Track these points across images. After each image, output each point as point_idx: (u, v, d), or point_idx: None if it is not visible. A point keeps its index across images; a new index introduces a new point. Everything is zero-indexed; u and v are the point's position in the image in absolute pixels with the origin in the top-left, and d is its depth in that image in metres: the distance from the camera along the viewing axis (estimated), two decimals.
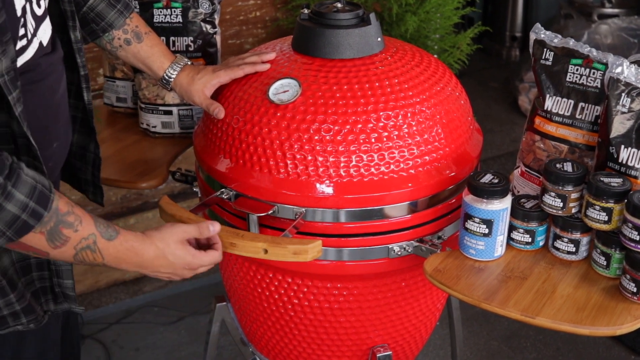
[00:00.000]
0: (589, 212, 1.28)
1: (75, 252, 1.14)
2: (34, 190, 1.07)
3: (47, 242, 1.11)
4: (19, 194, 1.06)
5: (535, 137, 1.45)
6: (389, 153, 1.35)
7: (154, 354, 2.54)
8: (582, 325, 1.19)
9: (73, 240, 1.13)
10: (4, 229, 1.06)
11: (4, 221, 1.05)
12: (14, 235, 1.07)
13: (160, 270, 1.23)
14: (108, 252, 1.17)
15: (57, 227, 1.11)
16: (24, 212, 1.06)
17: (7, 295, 1.22)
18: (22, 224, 1.07)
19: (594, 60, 1.38)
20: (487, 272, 1.31)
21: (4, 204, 1.04)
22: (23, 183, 1.06)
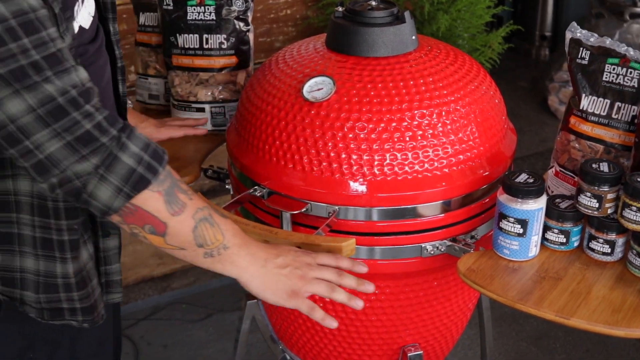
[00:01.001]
0: (625, 213, 1.27)
1: (195, 223, 1.09)
2: (147, 145, 1.06)
3: (165, 206, 1.06)
4: (133, 146, 1.04)
5: (571, 137, 1.44)
6: (423, 152, 1.34)
7: (182, 351, 2.55)
8: (618, 327, 1.18)
9: (190, 207, 1.09)
10: (120, 184, 1.03)
11: (120, 175, 1.02)
12: (131, 190, 1.03)
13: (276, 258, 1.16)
14: (226, 227, 1.12)
15: (173, 190, 1.07)
16: (139, 164, 1.04)
17: (71, 292, 1.20)
18: (138, 178, 1.04)
19: (631, 60, 1.36)
20: (521, 272, 1.30)
21: (119, 155, 1.02)
22: (136, 137, 1.05)
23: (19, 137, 0.99)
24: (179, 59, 1.72)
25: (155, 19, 1.82)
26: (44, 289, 1.18)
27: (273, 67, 1.50)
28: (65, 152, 1.00)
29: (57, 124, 0.99)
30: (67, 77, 1.00)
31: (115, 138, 1.03)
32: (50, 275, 1.18)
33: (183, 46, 1.71)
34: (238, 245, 1.14)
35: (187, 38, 1.70)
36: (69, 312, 1.21)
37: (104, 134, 1.02)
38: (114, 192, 1.03)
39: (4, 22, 0.94)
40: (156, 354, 2.54)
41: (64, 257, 1.17)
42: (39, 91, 0.97)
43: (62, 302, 1.20)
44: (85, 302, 1.22)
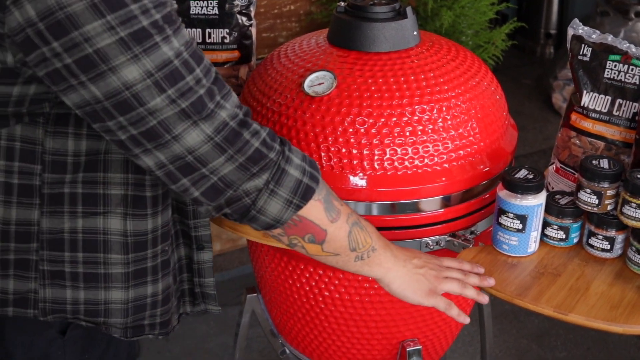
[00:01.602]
0: (625, 210, 1.27)
1: (349, 228, 1.13)
2: (304, 156, 1.09)
3: (326, 213, 1.10)
4: (296, 158, 1.07)
5: (571, 134, 1.44)
6: (423, 147, 1.35)
7: (184, 344, 2.56)
8: (616, 323, 1.18)
9: (343, 213, 1.12)
10: (290, 197, 1.05)
11: (289, 187, 1.05)
12: (301, 201, 1.06)
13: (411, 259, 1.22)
14: (372, 230, 1.17)
15: (329, 197, 1.11)
16: (304, 175, 1.07)
17: (155, 308, 1.21)
18: (305, 188, 1.06)
19: (632, 57, 1.36)
20: (520, 268, 1.31)
21: (287, 168, 1.05)
22: (294, 149, 1.08)
23: (196, 166, 1.00)
24: None
25: None
26: (132, 312, 1.19)
27: (275, 62, 1.50)
28: (239, 173, 1.02)
29: (232, 148, 1.00)
30: (231, 98, 1.02)
31: (280, 152, 1.05)
32: (139, 299, 1.19)
33: None
34: (383, 247, 1.19)
35: (189, 32, 1.70)
36: (148, 328, 1.23)
37: (270, 149, 1.04)
38: (283, 204, 1.06)
39: (180, 56, 0.95)
40: (157, 347, 2.55)
41: (155, 279, 1.19)
42: (215, 119, 0.98)
43: (145, 319, 1.21)
44: (165, 317, 1.23)
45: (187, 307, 1.34)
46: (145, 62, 0.92)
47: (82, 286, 1.15)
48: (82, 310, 1.16)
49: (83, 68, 0.91)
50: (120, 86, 0.92)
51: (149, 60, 0.92)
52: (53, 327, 1.18)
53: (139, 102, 0.94)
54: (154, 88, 0.94)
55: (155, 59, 0.93)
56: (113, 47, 0.90)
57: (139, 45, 0.92)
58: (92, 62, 0.91)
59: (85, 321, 1.17)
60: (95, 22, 0.89)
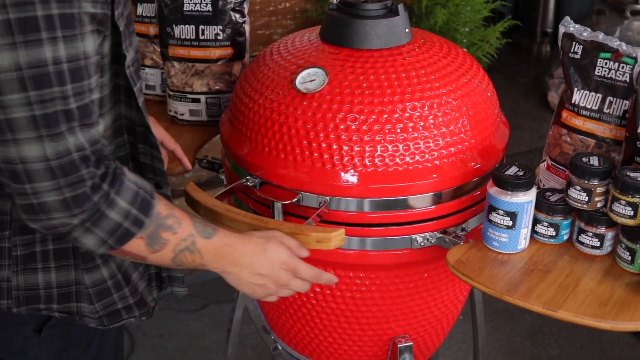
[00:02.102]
0: (614, 207, 1.27)
1: (174, 255, 1.12)
2: (136, 196, 1.05)
3: (146, 247, 1.08)
4: (121, 202, 1.03)
5: (562, 131, 1.45)
6: (414, 143, 1.35)
7: (178, 341, 2.56)
8: (604, 320, 1.19)
9: (172, 242, 1.11)
10: (105, 238, 1.04)
11: (106, 230, 1.03)
12: (115, 244, 1.05)
13: (258, 269, 1.19)
14: (207, 250, 1.14)
15: (157, 231, 1.08)
16: (126, 219, 1.04)
17: (122, 289, 1.21)
18: (124, 232, 1.04)
19: (623, 54, 1.37)
20: (510, 264, 1.31)
21: (106, 212, 1.02)
22: (126, 190, 1.04)
23: (22, 178, 0.97)
24: (175, 50, 1.73)
25: (152, 10, 1.82)
26: (97, 297, 1.19)
27: (267, 59, 1.51)
28: (59, 207, 0.99)
29: (63, 179, 0.98)
30: (89, 132, 0.99)
31: (105, 195, 1.02)
32: (99, 282, 1.19)
33: (179, 37, 1.71)
34: (216, 262, 1.17)
35: (183, 29, 1.70)
36: (125, 311, 1.23)
37: (96, 191, 1.01)
38: (98, 242, 1.04)
39: (58, 65, 0.92)
40: (152, 344, 2.55)
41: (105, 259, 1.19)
42: (60, 142, 0.95)
43: (117, 303, 1.21)
44: (136, 296, 1.23)
45: (154, 293, 1.32)
46: (21, 53, 0.90)
47: (52, 266, 1.15)
48: (55, 296, 1.16)
49: None
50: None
51: (24, 54, 0.90)
52: (29, 324, 1.18)
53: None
54: (16, 82, 0.91)
55: (31, 54, 0.90)
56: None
57: (22, 34, 0.89)
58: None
59: (58, 311, 1.18)
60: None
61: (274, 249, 1.19)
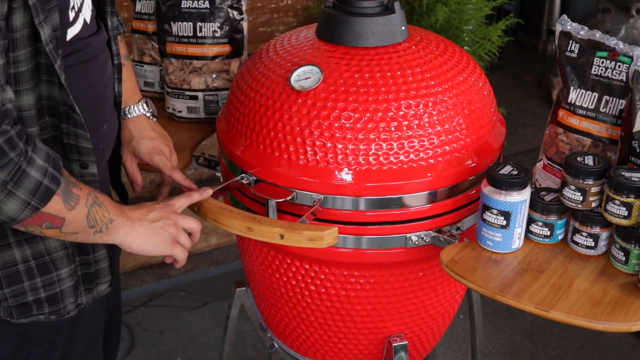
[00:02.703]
0: (608, 207, 1.26)
1: (87, 210, 1.13)
2: (48, 155, 1.07)
3: (64, 204, 1.09)
4: (39, 160, 1.04)
5: (559, 130, 1.44)
6: (409, 142, 1.34)
7: (178, 338, 2.57)
8: (597, 320, 1.18)
9: (82, 197, 1.12)
10: (28, 198, 1.04)
11: (28, 189, 1.03)
12: (39, 203, 1.05)
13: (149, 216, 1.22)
14: (108, 202, 1.17)
15: (68, 187, 1.10)
16: (45, 177, 1.05)
17: (34, 278, 1.21)
18: (45, 190, 1.05)
19: (620, 53, 1.36)
20: (503, 264, 1.31)
21: (27, 170, 1.02)
22: (39, 149, 1.06)
23: None
24: (173, 47, 1.73)
25: (151, 7, 1.82)
26: (7, 282, 1.18)
27: (264, 56, 1.50)
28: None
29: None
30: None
31: (23, 152, 1.02)
32: (9, 264, 1.18)
33: (177, 34, 1.71)
34: (119, 216, 1.19)
35: (181, 26, 1.70)
36: (35, 306, 1.22)
37: (13, 148, 1.01)
38: (21, 205, 1.04)
39: None
40: (152, 340, 2.56)
41: (19, 239, 1.18)
42: None
43: (27, 293, 1.20)
44: (50, 290, 1.22)
45: (82, 298, 1.29)
46: None
47: None
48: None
49: None
50: None
51: None
52: None
53: None
54: None
55: None
56: None
57: None
58: None
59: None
60: None
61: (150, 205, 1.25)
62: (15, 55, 1.06)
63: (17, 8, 1.02)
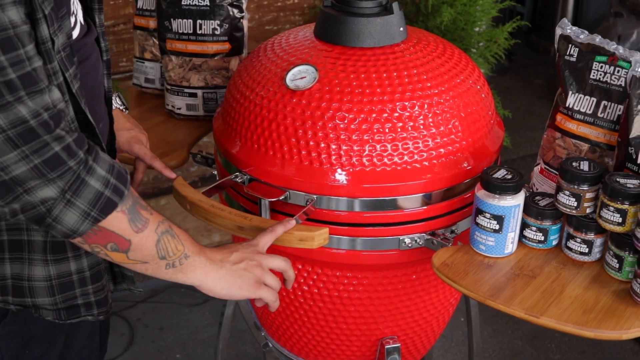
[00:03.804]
0: (603, 213, 1.25)
1: (157, 237, 1.09)
2: (112, 166, 1.04)
3: (130, 224, 1.06)
4: (100, 169, 1.02)
5: (556, 135, 1.43)
6: (403, 144, 1.34)
7: (177, 334, 2.57)
8: (587, 328, 1.17)
9: (152, 222, 1.09)
10: (88, 209, 1.02)
11: (88, 199, 1.01)
12: (99, 215, 1.03)
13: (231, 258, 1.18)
14: (185, 237, 1.13)
15: (135, 207, 1.07)
16: (106, 188, 1.02)
17: (86, 285, 1.20)
18: (106, 201, 1.02)
19: (619, 58, 1.34)
20: (495, 268, 1.29)
21: (87, 179, 1.00)
22: (102, 159, 1.03)
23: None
24: (173, 44, 1.73)
25: (153, 3, 1.82)
26: (59, 289, 1.18)
27: (261, 55, 1.50)
28: (32, 175, 0.97)
29: (26, 146, 0.96)
30: (40, 98, 0.97)
31: (82, 161, 1.00)
32: (63, 275, 1.18)
33: (177, 31, 1.71)
34: (197, 253, 1.15)
35: (181, 23, 1.70)
36: (84, 308, 1.22)
37: (72, 157, 0.99)
38: (80, 216, 1.02)
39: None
40: (151, 336, 2.56)
41: (78, 254, 1.18)
42: (11, 112, 0.94)
43: (78, 298, 1.20)
44: (99, 295, 1.22)
45: (110, 285, 1.30)
46: None
47: (7, 257, 1.14)
48: (10, 287, 1.15)
49: None
50: None
51: None
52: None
53: None
54: None
55: None
56: None
57: None
58: None
59: (14, 304, 1.17)
60: None
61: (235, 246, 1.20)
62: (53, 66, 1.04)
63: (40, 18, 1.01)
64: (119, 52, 2.52)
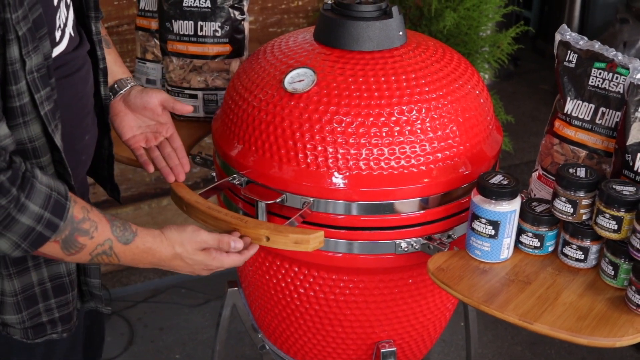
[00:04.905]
0: (599, 220, 1.25)
1: (91, 257, 1.12)
2: (48, 199, 1.04)
3: (62, 250, 1.08)
4: (33, 206, 1.02)
5: (554, 141, 1.43)
6: (400, 148, 1.34)
7: (177, 335, 2.57)
8: (581, 335, 1.17)
9: (88, 247, 1.11)
10: (18, 242, 1.03)
11: (18, 234, 1.02)
12: (29, 248, 1.04)
13: (177, 269, 1.22)
14: (124, 255, 1.15)
15: (72, 236, 1.08)
16: (39, 223, 1.03)
17: (49, 299, 1.20)
18: (37, 236, 1.04)
19: (618, 65, 1.34)
20: (491, 274, 1.29)
21: (17, 217, 1.01)
22: (37, 193, 1.02)
23: None
24: (174, 45, 1.73)
25: (155, 5, 1.82)
26: (25, 305, 1.18)
27: (260, 57, 1.50)
28: None
29: None
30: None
31: (14, 199, 1.00)
32: (27, 287, 1.18)
33: (178, 32, 1.71)
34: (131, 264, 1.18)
35: (182, 24, 1.71)
36: (50, 326, 1.22)
37: (3, 195, 0.99)
38: (11, 245, 1.03)
39: None
40: (152, 337, 2.56)
41: (37, 262, 1.18)
42: None
43: (42, 314, 1.21)
44: (63, 310, 1.22)
45: (77, 303, 1.30)
46: None
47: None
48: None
49: None
50: None
51: None
52: None
53: None
54: None
55: None
56: None
57: None
58: None
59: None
60: None
61: (193, 258, 1.21)
62: (18, 87, 1.04)
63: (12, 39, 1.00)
64: (123, 52, 2.52)
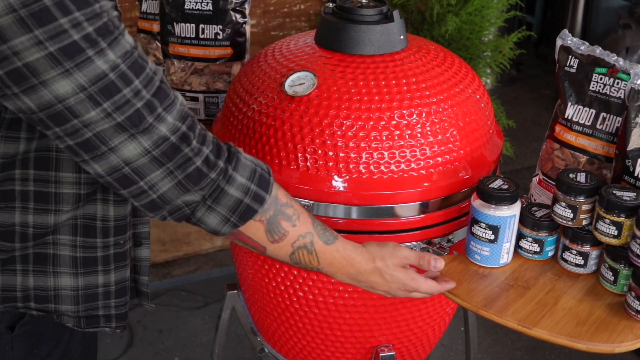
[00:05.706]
0: (599, 225, 1.25)
1: (292, 250, 1.13)
2: (254, 173, 1.07)
3: (266, 234, 1.10)
4: (240, 177, 1.05)
5: (555, 146, 1.42)
6: (400, 152, 1.33)
7: (176, 337, 2.57)
8: (580, 340, 1.16)
9: (291, 235, 1.12)
10: (228, 215, 1.05)
11: (227, 206, 1.05)
12: (238, 221, 1.06)
13: (374, 286, 1.21)
14: (324, 256, 1.15)
15: (276, 218, 1.10)
16: (246, 195, 1.05)
17: (109, 299, 1.21)
18: (245, 208, 1.06)
19: (619, 70, 1.34)
20: (490, 278, 1.29)
21: (226, 189, 1.04)
22: (243, 166, 1.06)
23: (133, 178, 0.99)
24: (176, 48, 1.73)
25: (156, 7, 1.82)
26: (83, 300, 1.19)
27: (262, 60, 1.50)
28: (177, 191, 1.01)
29: (171, 163, 0.99)
30: (174, 110, 0.99)
31: (222, 171, 1.03)
32: (90, 287, 1.18)
33: (179, 35, 1.71)
34: (329, 271, 1.18)
35: (183, 27, 1.71)
36: (104, 319, 1.23)
37: (212, 168, 1.02)
38: (221, 220, 1.06)
39: (116, 69, 0.92)
40: (151, 339, 2.56)
41: (107, 269, 1.19)
42: (153, 133, 0.96)
43: (99, 309, 1.21)
44: (120, 309, 1.23)
45: None
46: (78, 76, 0.90)
47: (31, 269, 1.14)
48: (32, 296, 1.16)
49: (14, 80, 0.89)
50: (53, 99, 0.90)
51: (81, 75, 0.90)
52: (2, 322, 1.18)
53: (73, 114, 0.92)
54: (87, 102, 0.92)
55: (88, 73, 0.91)
56: (42, 61, 0.88)
57: (70, 60, 0.89)
58: (23, 75, 0.89)
59: (36, 309, 1.17)
60: (22, 37, 0.87)
61: (393, 275, 1.21)
62: None
63: None
64: None
